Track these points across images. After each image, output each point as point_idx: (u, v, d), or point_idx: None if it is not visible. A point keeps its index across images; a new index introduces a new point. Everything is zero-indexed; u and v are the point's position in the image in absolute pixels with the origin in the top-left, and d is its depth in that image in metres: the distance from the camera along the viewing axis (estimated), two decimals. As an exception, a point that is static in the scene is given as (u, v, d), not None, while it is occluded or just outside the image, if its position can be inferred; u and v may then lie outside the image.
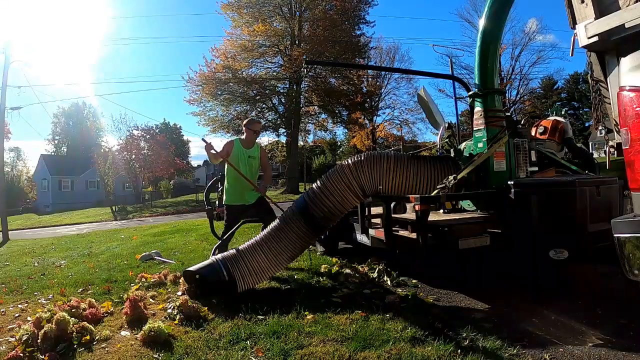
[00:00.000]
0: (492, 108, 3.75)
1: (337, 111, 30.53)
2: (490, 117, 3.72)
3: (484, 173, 3.71)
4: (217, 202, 14.77)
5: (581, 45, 2.56)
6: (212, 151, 4.35)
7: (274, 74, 28.23)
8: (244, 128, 4.61)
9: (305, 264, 4.74)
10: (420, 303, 3.20)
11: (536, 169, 3.96)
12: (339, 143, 45.54)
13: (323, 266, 4.51)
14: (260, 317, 3.03)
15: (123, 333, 2.90)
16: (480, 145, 3.75)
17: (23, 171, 52.45)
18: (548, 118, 5.14)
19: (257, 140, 4.67)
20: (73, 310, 3.15)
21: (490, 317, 2.93)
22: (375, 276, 4.02)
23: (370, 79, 33.31)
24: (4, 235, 13.49)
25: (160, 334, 2.69)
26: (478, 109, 3.83)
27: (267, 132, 30.69)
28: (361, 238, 4.42)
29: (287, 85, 28.69)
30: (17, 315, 3.51)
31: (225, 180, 4.55)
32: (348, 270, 4.23)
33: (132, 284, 4.23)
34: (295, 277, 4.21)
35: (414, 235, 3.37)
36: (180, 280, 3.90)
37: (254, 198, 4.47)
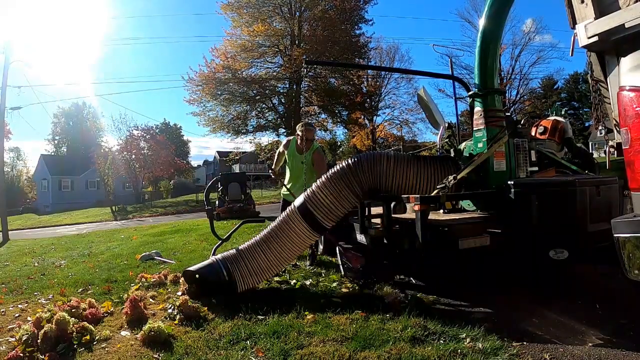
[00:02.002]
0: (492, 108, 3.75)
1: (337, 111, 30.56)
2: (490, 117, 3.72)
3: (484, 173, 3.71)
4: (217, 202, 14.72)
5: (581, 45, 2.56)
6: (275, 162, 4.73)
7: (274, 74, 28.26)
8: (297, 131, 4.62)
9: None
10: (420, 303, 3.20)
11: (536, 169, 3.96)
12: (339, 143, 45.54)
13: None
14: (260, 317, 3.02)
15: (123, 333, 2.90)
16: (480, 145, 3.75)
17: (23, 171, 52.51)
18: (548, 118, 5.14)
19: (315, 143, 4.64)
20: (73, 310, 3.14)
21: (490, 317, 2.93)
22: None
23: (370, 79, 33.34)
24: (4, 235, 13.49)
25: (160, 334, 2.69)
26: (478, 109, 3.83)
27: (267, 132, 30.76)
28: (361, 238, 4.42)
29: (287, 85, 28.75)
30: (17, 315, 3.51)
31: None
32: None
33: (132, 284, 4.22)
34: (295, 277, 4.20)
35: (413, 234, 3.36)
36: (180, 280, 3.90)
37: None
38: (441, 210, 4.21)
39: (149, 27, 65.07)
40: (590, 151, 13.04)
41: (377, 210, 4.28)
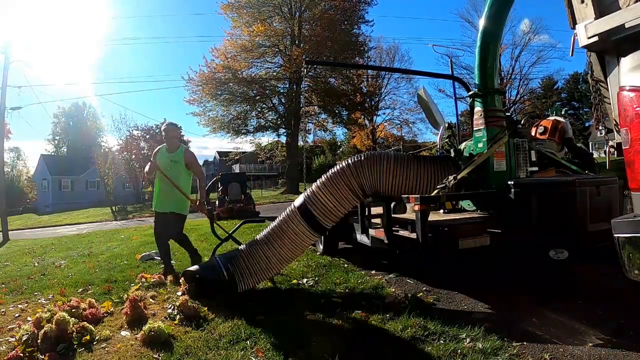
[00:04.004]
0: (492, 108, 3.75)
1: (337, 111, 30.55)
2: (490, 117, 3.72)
3: (484, 173, 3.71)
4: (217, 202, 14.70)
5: (581, 45, 2.55)
6: (147, 167, 4.39)
7: (274, 74, 28.25)
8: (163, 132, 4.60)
9: (306, 263, 4.74)
10: (420, 303, 3.20)
11: (536, 169, 3.96)
12: (339, 143, 45.57)
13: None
14: (260, 317, 3.03)
15: (123, 333, 2.90)
16: (480, 145, 3.75)
17: (23, 171, 52.48)
18: (548, 118, 5.15)
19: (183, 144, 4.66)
20: (73, 310, 3.15)
21: (490, 317, 2.93)
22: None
23: (370, 79, 33.34)
24: (4, 235, 13.48)
25: (160, 334, 2.69)
26: (478, 109, 3.83)
27: (267, 132, 30.78)
28: (361, 238, 4.42)
29: (287, 85, 28.74)
30: (17, 315, 3.51)
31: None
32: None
33: (132, 284, 4.22)
34: (295, 276, 4.20)
35: (414, 235, 3.37)
36: (180, 280, 3.89)
37: (168, 207, 4.37)
38: (441, 210, 4.21)
39: (149, 27, 64.99)
40: (590, 151, 13.03)
41: (377, 210, 4.29)
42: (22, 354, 2.52)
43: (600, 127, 2.76)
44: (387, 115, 36.13)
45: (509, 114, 4.46)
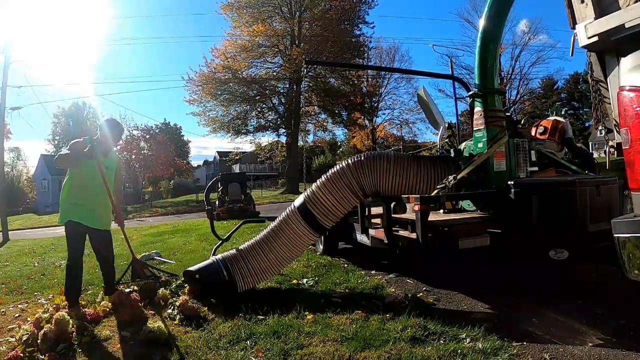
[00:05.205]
0: (492, 108, 3.75)
1: (336, 111, 30.58)
2: (490, 117, 3.72)
3: (484, 173, 3.71)
4: (217, 202, 14.70)
5: (581, 45, 2.56)
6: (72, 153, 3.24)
7: (274, 74, 28.25)
8: (99, 130, 3.59)
9: (306, 263, 4.74)
10: (420, 303, 3.20)
11: (536, 169, 3.96)
12: (339, 143, 45.54)
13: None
14: (260, 317, 3.03)
15: (123, 333, 2.90)
16: (480, 145, 3.75)
17: (23, 171, 52.33)
18: (548, 118, 5.14)
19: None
20: (73, 310, 3.15)
21: (490, 317, 2.93)
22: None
23: (370, 79, 33.35)
24: (4, 235, 13.47)
25: (160, 334, 2.69)
26: (478, 109, 3.83)
27: (267, 132, 30.80)
28: (361, 238, 4.43)
29: (287, 85, 28.74)
30: (17, 315, 3.51)
31: (64, 187, 3.40)
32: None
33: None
34: (295, 276, 4.20)
35: (414, 235, 3.38)
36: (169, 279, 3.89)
37: (100, 223, 3.47)
38: (441, 210, 4.21)
39: (149, 27, 64.82)
40: (590, 151, 13.02)
41: (377, 210, 4.29)
42: (22, 354, 2.52)
43: (600, 127, 2.76)
44: (387, 116, 36.20)
45: (509, 114, 4.44)
